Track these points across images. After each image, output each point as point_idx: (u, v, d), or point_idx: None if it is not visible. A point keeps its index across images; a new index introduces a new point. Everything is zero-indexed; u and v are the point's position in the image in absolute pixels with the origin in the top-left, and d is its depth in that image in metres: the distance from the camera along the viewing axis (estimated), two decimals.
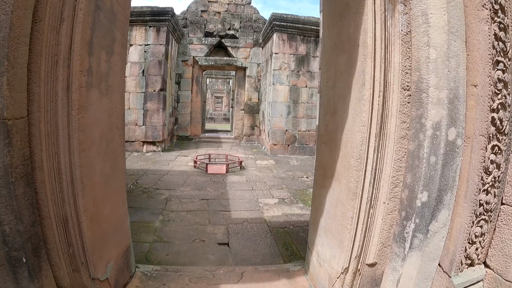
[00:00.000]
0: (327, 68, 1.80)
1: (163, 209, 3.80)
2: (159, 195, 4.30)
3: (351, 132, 1.52)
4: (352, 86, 1.51)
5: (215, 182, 5.06)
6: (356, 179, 1.50)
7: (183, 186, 4.79)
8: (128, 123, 7.65)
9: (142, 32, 7.58)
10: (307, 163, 7.21)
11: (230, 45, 9.82)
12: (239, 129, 10.28)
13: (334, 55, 1.71)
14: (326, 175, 1.80)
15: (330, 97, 1.75)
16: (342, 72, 1.62)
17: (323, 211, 1.86)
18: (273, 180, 5.42)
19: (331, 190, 1.75)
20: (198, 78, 10.05)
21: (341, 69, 1.62)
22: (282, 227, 3.41)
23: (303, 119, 8.09)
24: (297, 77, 7.94)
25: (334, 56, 1.71)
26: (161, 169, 5.91)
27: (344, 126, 1.58)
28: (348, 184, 1.56)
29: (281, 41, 7.78)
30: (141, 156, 7.24)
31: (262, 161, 7.10)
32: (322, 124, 1.86)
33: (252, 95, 10.02)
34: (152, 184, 4.84)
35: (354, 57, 1.50)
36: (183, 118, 9.92)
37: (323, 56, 1.87)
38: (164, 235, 3.11)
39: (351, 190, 1.56)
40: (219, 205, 3.99)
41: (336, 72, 1.68)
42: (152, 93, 7.59)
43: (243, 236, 3.12)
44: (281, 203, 4.21)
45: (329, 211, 1.78)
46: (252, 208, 3.93)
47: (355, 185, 1.51)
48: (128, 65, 7.58)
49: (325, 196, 1.83)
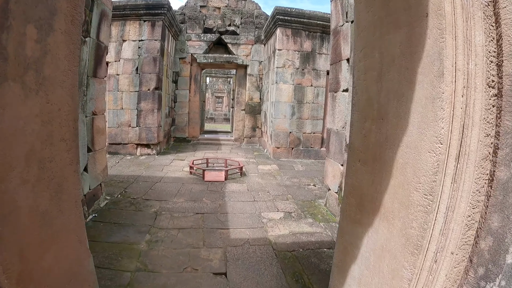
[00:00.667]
0: (365, 54, 1.27)
1: (151, 226, 3.27)
2: (149, 208, 3.77)
3: (416, 150, 0.98)
4: (416, 78, 0.98)
5: (213, 192, 4.52)
6: (421, 225, 0.97)
7: (176, 196, 4.25)
8: (121, 124, 7.13)
9: (136, 27, 7.05)
10: (313, 168, 6.68)
11: (231, 41, 9.28)
12: (240, 130, 9.75)
13: (379, 33, 1.18)
14: (363, 207, 1.27)
15: (372, 95, 1.22)
16: (395, 57, 1.09)
17: (356, 257, 1.33)
18: (277, 188, 4.89)
19: (372, 231, 1.22)
20: (196, 76, 9.51)
21: (394, 53, 1.09)
22: (290, 250, 2.88)
23: (308, 120, 7.55)
24: (301, 75, 7.40)
25: (378, 35, 1.18)
26: (154, 175, 5.37)
27: (401, 140, 1.05)
28: (406, 229, 1.04)
29: (285, 36, 7.24)
30: (134, 160, 6.71)
31: (265, 166, 6.57)
32: (356, 134, 1.33)
33: (253, 95, 9.49)
34: (142, 193, 4.31)
35: (419, 33, 0.97)
36: (180, 119, 9.38)
37: (358, 38, 1.34)
38: (149, 262, 2.58)
39: (411, 239, 1.03)
40: (216, 221, 3.46)
41: (384, 58, 1.15)
42: (146, 92, 7.06)
43: (244, 264, 2.58)
44: (287, 218, 3.68)
45: (367, 259, 1.25)
46: (254, 225, 3.39)
47: (419, 233, 0.98)
48: (121, 62, 7.06)
49: (360, 236, 1.30)
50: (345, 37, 3.53)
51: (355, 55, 1.35)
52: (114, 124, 7.12)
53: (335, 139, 3.79)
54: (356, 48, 1.34)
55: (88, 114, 3.32)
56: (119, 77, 7.05)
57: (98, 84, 3.47)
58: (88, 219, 3.35)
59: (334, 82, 3.81)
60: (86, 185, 3.37)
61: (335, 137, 3.79)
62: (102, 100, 3.60)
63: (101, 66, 3.49)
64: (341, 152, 3.62)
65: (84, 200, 3.32)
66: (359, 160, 1.27)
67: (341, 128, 3.64)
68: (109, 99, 7.09)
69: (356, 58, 1.33)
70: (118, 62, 7.05)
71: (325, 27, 7.28)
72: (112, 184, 4.68)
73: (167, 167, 6.06)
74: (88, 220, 3.34)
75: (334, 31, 3.82)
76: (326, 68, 7.48)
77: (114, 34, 7.03)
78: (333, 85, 3.86)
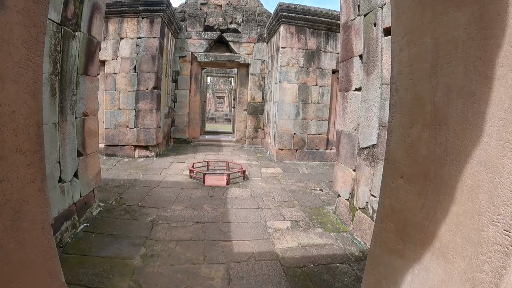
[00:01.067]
0: (410, 41, 0.99)
1: (147, 237, 3.00)
2: (145, 216, 3.50)
3: (494, 170, 0.72)
4: (494, 72, 0.71)
5: (214, 198, 4.25)
6: (497, 270, 0.71)
7: (174, 203, 3.98)
8: (118, 125, 6.87)
9: (134, 24, 6.78)
10: (318, 171, 6.40)
11: (232, 40, 9.01)
12: (242, 131, 9.47)
13: (431, 14, 0.90)
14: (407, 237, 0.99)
15: (422, 93, 0.94)
16: (458, 43, 0.82)
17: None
18: (282, 194, 4.62)
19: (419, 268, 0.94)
20: (197, 75, 9.24)
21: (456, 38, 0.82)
22: (299, 265, 2.61)
23: (313, 121, 7.27)
24: (306, 74, 7.12)
25: (430, 16, 0.90)
26: (152, 179, 5.10)
27: (470, 155, 0.78)
28: (474, 273, 0.77)
29: (289, 34, 6.96)
30: (132, 162, 6.44)
31: (268, 169, 6.29)
32: (398, 142, 1.05)
33: (255, 95, 9.21)
34: (139, 200, 4.05)
35: (495, 11, 0.69)
36: (180, 119, 9.11)
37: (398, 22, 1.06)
38: (143, 280, 2.31)
39: (479, 287, 0.75)
40: (218, 232, 3.18)
41: (440, 46, 0.87)
42: (144, 92, 6.79)
43: (249, 283, 2.31)
44: (295, 227, 3.41)
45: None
46: (259, 236, 3.12)
47: (493, 279, 0.72)
48: (118, 60, 6.80)
49: (401, 272, 1.02)
50: (357, 31, 3.25)
51: (394, 43, 1.07)
52: (111, 125, 6.85)
53: (346, 142, 3.51)
54: (395, 35, 1.06)
55: (78, 115, 3.06)
56: (117, 76, 6.79)
57: (90, 83, 3.20)
58: (79, 229, 3.09)
59: (345, 80, 3.53)
60: (76, 193, 3.11)
61: (346, 140, 3.51)
62: (94, 99, 3.33)
63: (93, 63, 3.23)
64: (353, 156, 3.34)
65: (74, 209, 3.06)
66: (402, 176, 1.00)
67: (353, 130, 3.37)
68: (106, 99, 6.83)
69: (396, 47, 1.06)
70: (115, 61, 6.79)
71: (331, 24, 7.00)
72: (107, 189, 4.42)
73: (166, 170, 5.79)
74: (79, 230, 3.08)
75: (345, 25, 3.55)
76: (332, 67, 7.20)
77: (111, 31, 6.77)
78: (343, 84, 3.58)
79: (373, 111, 2.92)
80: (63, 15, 2.55)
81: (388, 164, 1.10)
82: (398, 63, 1.02)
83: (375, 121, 2.89)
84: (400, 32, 1.01)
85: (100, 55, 6.83)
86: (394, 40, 1.05)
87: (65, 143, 2.83)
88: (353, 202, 3.37)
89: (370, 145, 2.98)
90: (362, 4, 3.13)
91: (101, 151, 6.87)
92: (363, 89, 3.09)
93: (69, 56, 2.73)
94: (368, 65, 2.98)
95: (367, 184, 3.04)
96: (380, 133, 2.81)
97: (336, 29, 7.11)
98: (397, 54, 1.03)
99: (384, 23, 2.73)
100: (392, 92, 1.07)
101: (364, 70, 3.06)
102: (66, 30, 2.64)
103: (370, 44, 2.95)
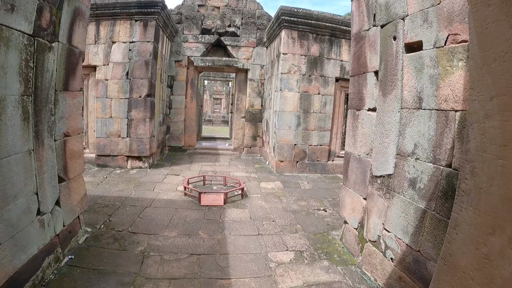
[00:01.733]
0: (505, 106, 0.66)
1: (137, 274, 2.66)
2: (135, 246, 3.16)
3: None
4: None
5: (210, 221, 3.91)
6: None
7: (168, 228, 3.64)
8: (109, 134, 6.49)
9: (127, 27, 6.41)
10: (321, 185, 6.08)
11: (230, 43, 8.66)
12: (239, 139, 9.12)
13: None
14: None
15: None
16: None
17: None
18: (283, 215, 4.29)
19: None
20: (193, 80, 8.88)
21: None
22: None
23: (314, 131, 6.95)
24: (308, 82, 6.80)
25: None
26: (144, 196, 4.75)
27: None
28: None
29: (291, 39, 6.63)
30: (124, 174, 6.07)
31: (268, 184, 5.96)
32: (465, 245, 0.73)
33: (254, 101, 8.87)
34: (129, 223, 3.69)
35: None
36: (176, 127, 8.74)
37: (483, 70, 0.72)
38: None
39: None
40: (215, 267, 2.85)
41: None
42: (137, 100, 6.42)
43: None
44: (299, 259, 3.08)
45: None
46: (260, 273, 2.79)
47: None
48: (110, 66, 6.42)
49: None
50: (372, 44, 2.93)
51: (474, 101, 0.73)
52: (102, 134, 6.48)
53: (356, 167, 3.19)
54: (477, 91, 0.72)
55: (58, 137, 2.70)
56: (108, 83, 6.41)
57: (71, 99, 2.84)
58: (63, 263, 2.74)
59: (356, 97, 3.21)
60: (59, 222, 2.75)
61: (356, 164, 3.19)
62: (76, 117, 2.97)
63: (75, 76, 2.87)
64: (363, 183, 3.02)
65: (57, 241, 2.71)
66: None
67: (364, 154, 3.05)
68: (97, 106, 6.46)
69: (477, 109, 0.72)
70: (107, 66, 6.40)
71: (335, 29, 6.69)
72: (96, 209, 4.06)
73: (160, 185, 5.43)
74: (63, 264, 2.73)
75: (357, 36, 3.22)
76: (335, 75, 6.89)
77: (102, 35, 6.39)
78: (354, 101, 3.26)
79: (390, 137, 2.61)
80: (36, 25, 2.19)
81: (446, 266, 0.78)
82: (480, 134, 0.70)
83: (392, 148, 2.57)
84: (487, 88, 0.68)
85: (91, 60, 6.47)
86: (474, 97, 0.72)
87: (43, 171, 2.47)
88: (363, 233, 3.05)
89: (385, 174, 2.66)
90: (379, 14, 2.80)
91: (92, 161, 6.49)
92: (379, 111, 2.77)
93: (44, 71, 2.37)
94: (386, 83, 2.66)
95: (380, 216, 2.73)
96: (398, 163, 2.49)
97: (341, 35, 6.80)
98: (478, 121, 0.70)
99: (406, 38, 2.41)
100: (463, 172, 0.74)
101: (381, 89, 2.75)
102: (41, 41, 2.28)
103: (388, 60, 2.63)
